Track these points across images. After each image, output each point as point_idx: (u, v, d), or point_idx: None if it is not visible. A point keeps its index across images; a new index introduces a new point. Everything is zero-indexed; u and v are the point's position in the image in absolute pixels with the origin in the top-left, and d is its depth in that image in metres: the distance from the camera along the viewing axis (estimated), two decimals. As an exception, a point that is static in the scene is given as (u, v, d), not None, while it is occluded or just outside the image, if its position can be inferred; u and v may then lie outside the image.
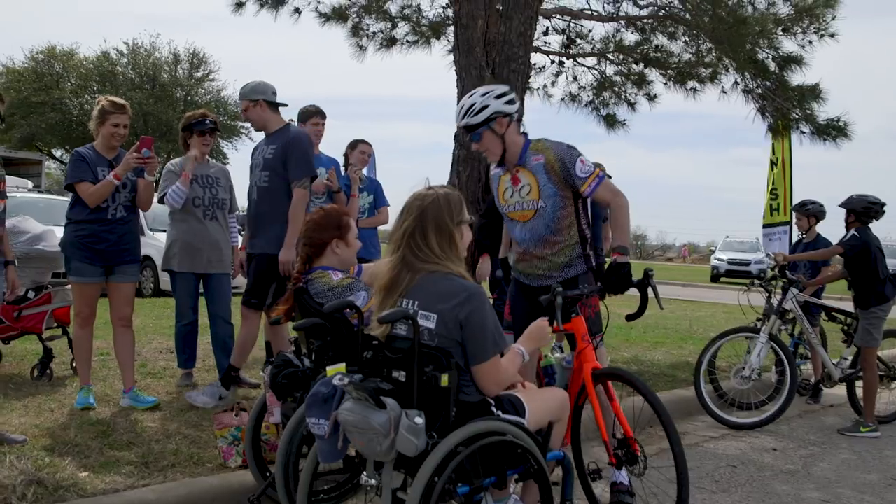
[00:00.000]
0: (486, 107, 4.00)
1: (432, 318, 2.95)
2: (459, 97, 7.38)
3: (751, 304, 6.98)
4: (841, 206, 6.55)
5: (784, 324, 6.87)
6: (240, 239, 6.52)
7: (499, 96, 4.05)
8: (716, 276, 32.08)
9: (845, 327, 6.91)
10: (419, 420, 2.73)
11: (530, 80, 8.56)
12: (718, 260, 32.88)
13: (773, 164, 11.38)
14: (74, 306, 5.43)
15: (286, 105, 5.61)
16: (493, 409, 3.02)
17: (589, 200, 4.28)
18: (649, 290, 3.96)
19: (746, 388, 6.54)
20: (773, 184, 11.28)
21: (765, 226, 11.42)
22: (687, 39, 9.31)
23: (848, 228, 6.50)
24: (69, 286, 6.14)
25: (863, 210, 6.44)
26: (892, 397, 7.08)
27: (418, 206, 3.07)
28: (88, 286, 5.26)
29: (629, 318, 3.99)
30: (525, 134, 4.25)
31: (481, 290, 3.04)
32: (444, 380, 2.82)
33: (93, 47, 54.72)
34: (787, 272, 6.93)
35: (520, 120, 4.26)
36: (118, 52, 35.22)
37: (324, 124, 6.60)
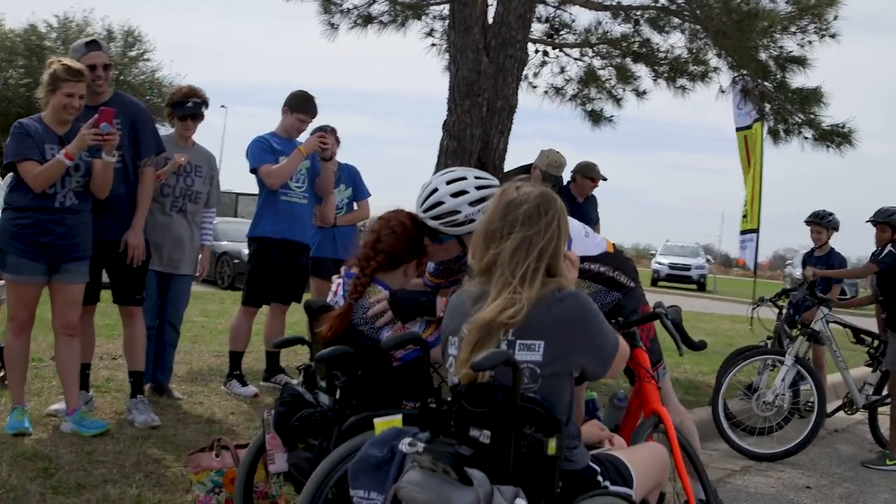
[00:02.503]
0: (471, 221, 3.14)
1: (537, 347, 2.22)
2: (452, 80, 6.63)
3: (759, 318, 6.62)
4: (873, 220, 6.01)
5: (791, 341, 6.32)
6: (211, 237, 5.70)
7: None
8: (655, 280, 31.99)
9: (871, 350, 6.37)
10: (521, 502, 2.00)
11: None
12: (659, 264, 32.82)
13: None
14: (8, 309, 4.49)
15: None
16: (600, 478, 2.30)
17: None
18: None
19: (769, 415, 5.96)
20: (751, 189, 10.87)
21: (741, 232, 11.06)
22: (683, 34, 8.72)
23: (878, 243, 5.97)
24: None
25: None
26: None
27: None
28: (27, 286, 4.34)
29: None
30: None
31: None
32: (552, 446, 2.08)
33: (20, 19, 51.81)
34: (812, 290, 6.33)
35: None
36: (48, 25, 33.25)
37: (308, 123, 5.90)
